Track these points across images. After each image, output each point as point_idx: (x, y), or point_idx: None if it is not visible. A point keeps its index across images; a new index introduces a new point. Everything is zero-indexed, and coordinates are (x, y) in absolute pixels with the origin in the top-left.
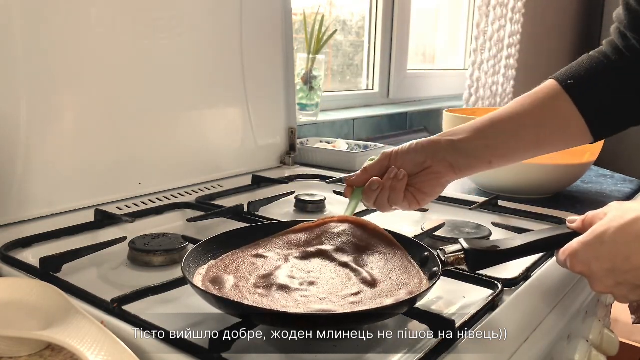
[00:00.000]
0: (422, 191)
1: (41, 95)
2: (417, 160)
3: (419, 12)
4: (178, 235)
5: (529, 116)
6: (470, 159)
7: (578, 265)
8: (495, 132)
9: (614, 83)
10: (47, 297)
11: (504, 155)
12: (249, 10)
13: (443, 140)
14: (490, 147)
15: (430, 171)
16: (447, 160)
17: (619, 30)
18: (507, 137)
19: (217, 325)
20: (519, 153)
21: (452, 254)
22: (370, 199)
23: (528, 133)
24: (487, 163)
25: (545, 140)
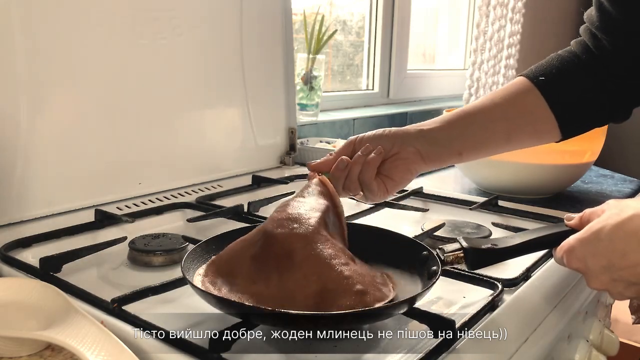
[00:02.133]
0: (391, 177)
1: (41, 95)
2: (385, 146)
3: (419, 12)
4: (178, 235)
5: (499, 110)
6: (439, 148)
7: (574, 262)
8: (464, 124)
9: (583, 82)
10: (47, 297)
11: (474, 148)
12: (249, 11)
13: (412, 129)
14: (459, 138)
15: (398, 157)
16: (415, 147)
17: (590, 31)
18: (476, 129)
19: (217, 325)
20: (488, 146)
21: (451, 252)
22: (338, 181)
23: (497, 126)
24: (457, 154)
25: (514, 134)
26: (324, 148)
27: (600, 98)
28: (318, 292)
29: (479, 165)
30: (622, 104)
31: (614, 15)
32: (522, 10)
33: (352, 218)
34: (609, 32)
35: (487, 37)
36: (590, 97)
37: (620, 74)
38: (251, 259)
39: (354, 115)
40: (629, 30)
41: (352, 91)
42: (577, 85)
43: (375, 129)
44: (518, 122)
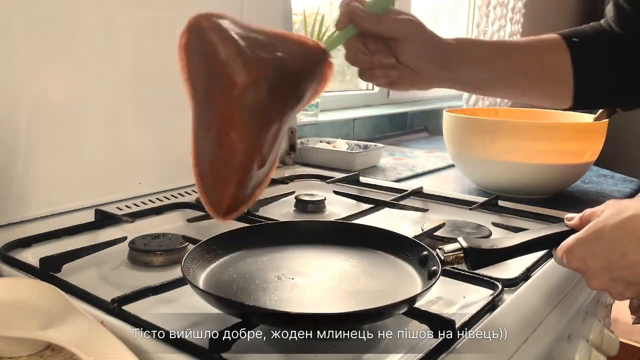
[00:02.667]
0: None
1: (41, 95)
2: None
3: (419, 12)
4: (178, 235)
5: (530, 49)
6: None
7: (574, 262)
8: (480, 46)
9: (613, 54)
10: (47, 297)
11: (474, 85)
12: (249, 10)
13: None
14: (465, 52)
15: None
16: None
17: (609, 25)
18: (501, 57)
19: (217, 325)
20: (488, 88)
21: (451, 252)
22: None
23: (512, 61)
24: (450, 79)
25: (526, 78)
26: (324, 148)
27: (623, 77)
28: None
29: (479, 165)
30: (636, 93)
31: (629, 11)
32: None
33: (352, 218)
34: (625, 27)
35: (487, 37)
36: (616, 72)
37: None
38: None
39: (354, 115)
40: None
41: (352, 91)
42: (607, 55)
43: (375, 129)
44: (533, 80)
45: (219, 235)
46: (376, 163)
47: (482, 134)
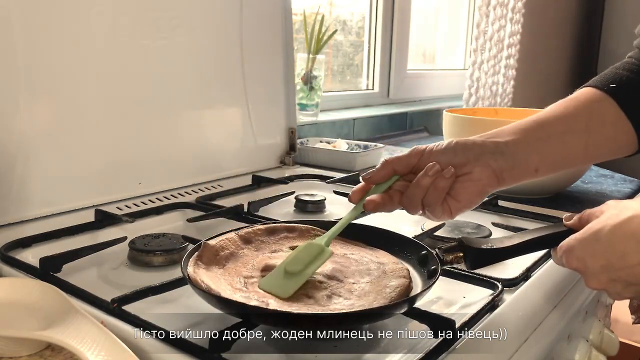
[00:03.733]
0: (457, 199)
1: (41, 95)
2: (455, 162)
3: (419, 12)
4: (178, 235)
5: (576, 121)
6: (516, 165)
7: (573, 261)
8: (544, 134)
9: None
10: (47, 297)
11: (552, 162)
12: (249, 11)
13: (488, 142)
14: (538, 152)
15: (469, 177)
16: (490, 166)
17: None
18: (555, 143)
19: (217, 325)
20: (566, 161)
21: (451, 252)
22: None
23: (576, 138)
24: (533, 171)
25: (592, 147)
26: (324, 148)
27: None
28: None
29: None
30: None
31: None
32: (522, 10)
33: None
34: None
35: (487, 37)
36: None
37: None
38: None
39: (354, 115)
40: None
41: (352, 91)
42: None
43: (375, 129)
44: (597, 135)
45: (219, 235)
46: (376, 163)
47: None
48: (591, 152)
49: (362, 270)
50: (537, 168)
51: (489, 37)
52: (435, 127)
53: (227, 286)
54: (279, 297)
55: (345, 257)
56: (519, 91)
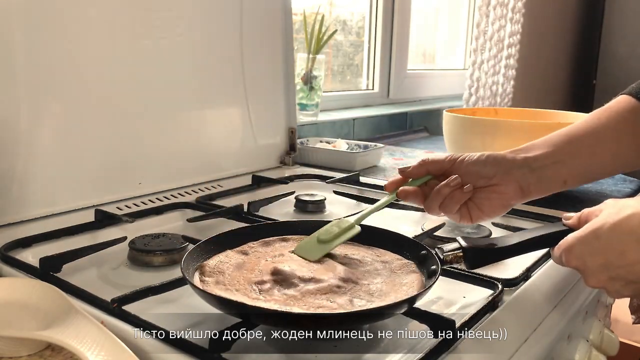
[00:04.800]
0: (481, 209)
1: (41, 95)
2: (484, 174)
3: (419, 12)
4: (178, 235)
5: (606, 130)
6: (544, 180)
7: (573, 260)
8: (573, 148)
9: None
10: (47, 297)
11: (580, 175)
12: (249, 10)
13: (518, 158)
14: (566, 165)
15: (495, 189)
16: (517, 180)
17: None
18: (585, 154)
19: (217, 325)
20: (594, 172)
21: (450, 252)
22: (417, 198)
23: (606, 149)
24: (562, 183)
25: (622, 157)
26: (324, 148)
27: None
28: None
29: None
30: None
31: None
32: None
33: None
34: None
35: (487, 37)
36: None
37: None
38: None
39: (354, 115)
40: None
41: (352, 91)
42: None
43: (375, 129)
44: (627, 144)
45: (219, 235)
46: (376, 163)
47: (481, 134)
48: (620, 162)
49: (370, 271)
50: (565, 180)
51: (489, 37)
52: (435, 127)
53: (243, 297)
54: (309, 260)
55: (348, 258)
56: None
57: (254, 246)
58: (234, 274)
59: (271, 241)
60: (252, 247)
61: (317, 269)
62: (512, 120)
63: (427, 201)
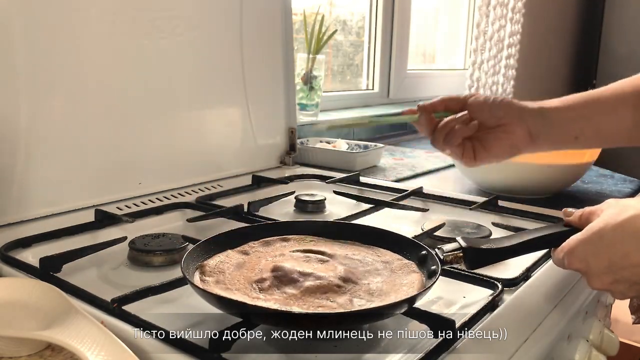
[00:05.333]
0: (487, 148)
1: (41, 95)
2: (495, 113)
3: (419, 12)
4: (178, 235)
5: (630, 96)
6: (555, 129)
7: (575, 262)
8: (589, 106)
9: None
10: (47, 297)
11: (593, 133)
12: (249, 10)
13: (533, 106)
14: (579, 120)
15: (503, 129)
16: (527, 124)
17: None
18: (601, 113)
19: (217, 325)
20: (610, 134)
21: (450, 252)
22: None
23: (624, 114)
24: (573, 139)
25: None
26: (324, 148)
27: None
28: None
29: None
30: None
31: None
32: (522, 10)
33: (352, 218)
34: None
35: (487, 37)
36: None
37: None
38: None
39: (354, 115)
40: None
41: (352, 91)
42: None
43: (375, 129)
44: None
45: (219, 235)
46: (376, 163)
47: None
48: (638, 133)
49: (370, 271)
50: (577, 136)
51: (489, 37)
52: None
53: (243, 297)
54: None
55: (349, 258)
56: (519, 91)
57: (255, 246)
58: (234, 274)
59: (271, 241)
60: (252, 246)
61: (317, 267)
62: None
63: (434, 133)
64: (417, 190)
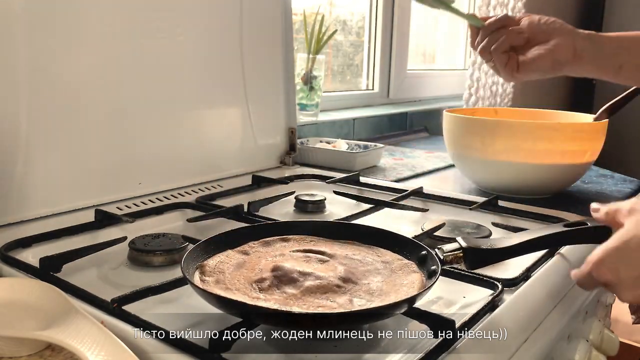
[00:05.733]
0: (531, 59)
1: (41, 95)
2: (545, 29)
3: (418, 11)
4: (178, 235)
5: None
6: (600, 54)
7: (605, 274)
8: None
9: None
10: (47, 297)
11: (638, 64)
12: (249, 11)
13: (583, 31)
14: (627, 50)
15: (551, 42)
16: (574, 42)
17: None
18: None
19: (217, 325)
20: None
21: (451, 252)
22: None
23: None
24: (617, 68)
25: None
26: (324, 148)
27: None
28: None
29: (479, 165)
30: None
31: None
32: (522, 10)
33: (352, 218)
34: None
35: None
36: None
37: None
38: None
39: (354, 115)
40: None
41: (352, 91)
42: None
43: (375, 129)
44: None
45: (219, 235)
46: (376, 163)
47: (482, 134)
48: None
49: (370, 270)
50: (621, 65)
51: None
52: (435, 127)
53: (243, 297)
54: None
55: (349, 258)
56: (519, 91)
57: (255, 246)
58: (234, 274)
59: (271, 241)
60: (252, 247)
61: (317, 267)
62: (512, 120)
63: (485, 41)
64: (417, 191)
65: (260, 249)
